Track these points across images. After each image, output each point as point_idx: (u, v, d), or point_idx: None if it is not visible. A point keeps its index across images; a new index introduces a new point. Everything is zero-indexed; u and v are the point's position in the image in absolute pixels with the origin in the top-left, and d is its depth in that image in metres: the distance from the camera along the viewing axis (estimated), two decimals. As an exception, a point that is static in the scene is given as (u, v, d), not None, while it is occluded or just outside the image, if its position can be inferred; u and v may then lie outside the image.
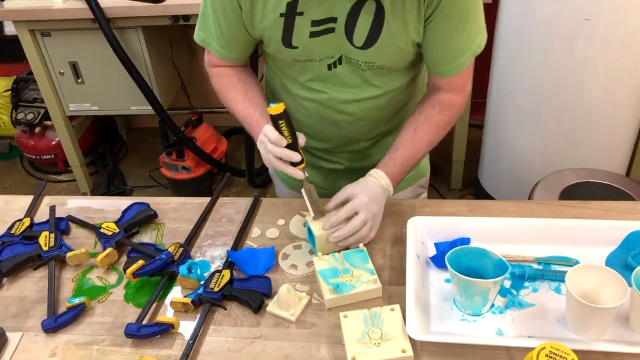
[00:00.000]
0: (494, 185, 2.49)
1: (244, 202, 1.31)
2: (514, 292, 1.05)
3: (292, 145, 1.09)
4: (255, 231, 1.23)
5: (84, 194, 2.97)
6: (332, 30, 1.09)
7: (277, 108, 1.06)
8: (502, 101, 2.26)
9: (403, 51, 1.12)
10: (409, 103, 1.30)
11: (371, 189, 1.14)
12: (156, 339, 1.02)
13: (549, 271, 1.07)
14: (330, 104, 1.21)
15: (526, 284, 1.06)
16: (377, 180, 1.15)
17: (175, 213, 1.30)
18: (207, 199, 1.32)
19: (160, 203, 1.33)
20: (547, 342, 0.82)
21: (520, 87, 2.12)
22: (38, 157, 3.05)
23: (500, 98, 2.26)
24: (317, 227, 1.12)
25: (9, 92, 3.04)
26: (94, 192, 2.96)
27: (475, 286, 0.97)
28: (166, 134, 2.63)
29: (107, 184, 2.98)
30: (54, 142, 2.98)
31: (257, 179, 2.83)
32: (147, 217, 1.26)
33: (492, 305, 1.02)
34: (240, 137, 3.06)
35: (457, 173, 2.74)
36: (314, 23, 1.08)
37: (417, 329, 0.95)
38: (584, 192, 1.76)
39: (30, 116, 2.94)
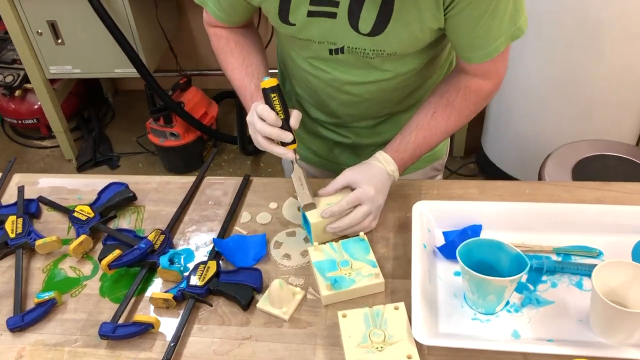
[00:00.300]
0: (498, 153, 2.38)
1: (233, 183, 1.19)
2: (531, 287, 0.94)
3: (284, 123, 0.97)
4: (244, 216, 1.12)
5: (69, 160, 2.84)
6: (333, 15, 0.95)
7: (269, 82, 0.97)
8: (510, 65, 2.12)
9: (417, 38, 0.98)
10: (426, 83, 1.16)
11: (377, 176, 1.02)
12: (134, 340, 0.92)
13: (569, 263, 0.97)
14: (334, 84, 1.09)
15: (544, 277, 0.96)
16: (382, 166, 1.04)
17: (157, 194, 1.19)
18: (192, 179, 1.20)
19: (140, 182, 1.21)
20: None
21: (530, 50, 1.98)
22: (20, 122, 2.90)
23: (508, 61, 2.12)
24: (313, 215, 1.01)
25: (-14, 53, 2.87)
26: (80, 158, 2.83)
27: (489, 284, 0.86)
28: (153, 99, 2.48)
29: (92, 150, 2.85)
30: (35, 106, 2.83)
31: (250, 146, 2.71)
32: (125, 200, 1.15)
33: (507, 303, 0.92)
34: (231, 100, 2.92)
35: (460, 140, 2.61)
36: (313, 1, 0.95)
37: (424, 332, 0.85)
38: (598, 165, 1.65)
39: (9, 78, 2.77)
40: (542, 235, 1.01)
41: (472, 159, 2.64)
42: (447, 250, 0.99)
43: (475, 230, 1.02)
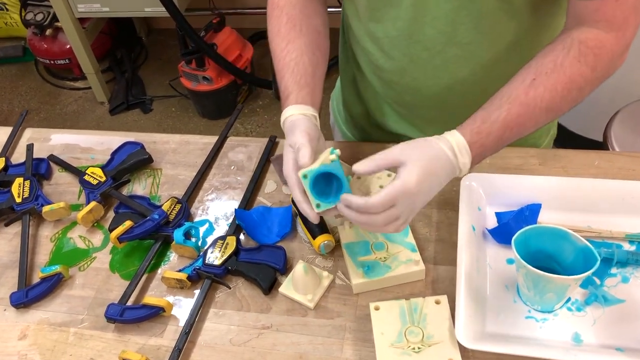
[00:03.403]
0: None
1: (258, 145, 1.07)
2: (597, 281, 0.81)
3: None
4: (269, 185, 1.00)
5: (102, 103, 2.76)
6: None
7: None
8: None
9: None
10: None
11: (432, 167, 0.72)
12: (145, 324, 0.84)
13: (646, 255, 0.82)
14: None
15: (614, 270, 0.82)
16: (449, 155, 0.73)
17: (175, 156, 1.08)
18: (214, 139, 1.08)
19: (158, 142, 1.10)
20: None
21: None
22: (52, 62, 2.82)
23: None
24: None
25: (16, -11, 2.77)
26: (112, 101, 2.75)
27: (549, 282, 0.73)
28: (184, 40, 2.35)
29: (125, 92, 2.76)
30: (67, 46, 2.72)
31: (286, 91, 2.56)
32: (140, 162, 1.04)
33: (568, 300, 0.79)
34: (267, 41, 2.75)
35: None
36: None
37: (468, 334, 0.73)
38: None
39: (39, 17, 2.68)
40: (612, 218, 0.87)
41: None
42: (500, 234, 0.86)
43: (533, 210, 0.88)
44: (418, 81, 0.92)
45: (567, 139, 2.12)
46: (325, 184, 0.75)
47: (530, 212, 0.87)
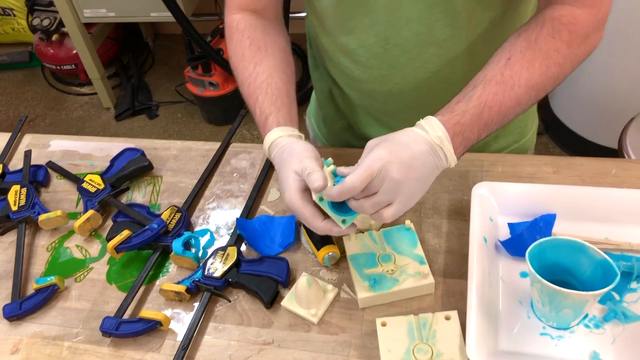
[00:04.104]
0: (568, 111, 2.12)
1: (262, 152, 1.03)
2: (617, 296, 0.77)
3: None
4: (272, 193, 0.96)
5: (107, 109, 2.74)
6: None
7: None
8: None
9: None
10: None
11: (404, 144, 0.70)
12: (141, 338, 0.80)
13: (667, 268, 0.78)
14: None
15: (634, 285, 0.78)
16: (420, 132, 0.71)
17: (176, 162, 1.05)
18: (216, 145, 1.05)
19: (159, 148, 1.07)
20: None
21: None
22: (58, 67, 2.81)
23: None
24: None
25: (23, -6, 2.77)
26: (118, 107, 2.73)
27: (566, 297, 0.69)
28: (190, 45, 2.33)
29: (131, 98, 2.74)
30: (74, 52, 2.71)
31: (293, 97, 2.53)
32: (139, 169, 1.01)
33: (586, 316, 0.75)
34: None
35: (523, 94, 2.35)
36: None
37: (480, 351, 0.69)
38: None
39: (46, 22, 2.67)
40: (632, 229, 0.82)
41: (538, 116, 2.38)
42: (513, 246, 0.82)
43: (548, 221, 0.83)
44: (400, 86, 0.90)
45: (580, 146, 2.08)
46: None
47: (544, 223, 0.83)
